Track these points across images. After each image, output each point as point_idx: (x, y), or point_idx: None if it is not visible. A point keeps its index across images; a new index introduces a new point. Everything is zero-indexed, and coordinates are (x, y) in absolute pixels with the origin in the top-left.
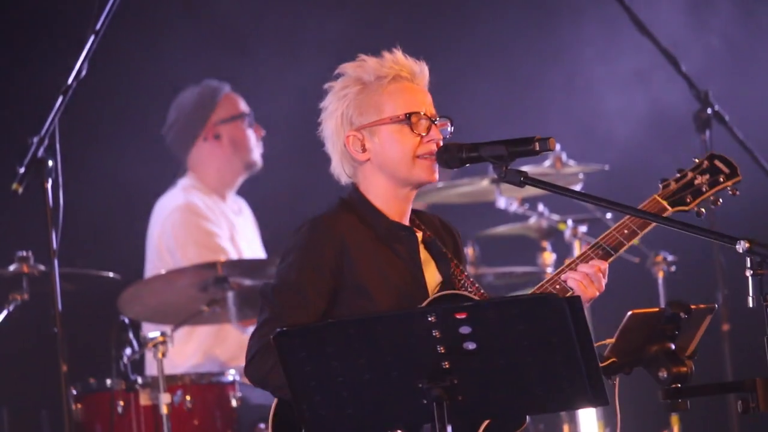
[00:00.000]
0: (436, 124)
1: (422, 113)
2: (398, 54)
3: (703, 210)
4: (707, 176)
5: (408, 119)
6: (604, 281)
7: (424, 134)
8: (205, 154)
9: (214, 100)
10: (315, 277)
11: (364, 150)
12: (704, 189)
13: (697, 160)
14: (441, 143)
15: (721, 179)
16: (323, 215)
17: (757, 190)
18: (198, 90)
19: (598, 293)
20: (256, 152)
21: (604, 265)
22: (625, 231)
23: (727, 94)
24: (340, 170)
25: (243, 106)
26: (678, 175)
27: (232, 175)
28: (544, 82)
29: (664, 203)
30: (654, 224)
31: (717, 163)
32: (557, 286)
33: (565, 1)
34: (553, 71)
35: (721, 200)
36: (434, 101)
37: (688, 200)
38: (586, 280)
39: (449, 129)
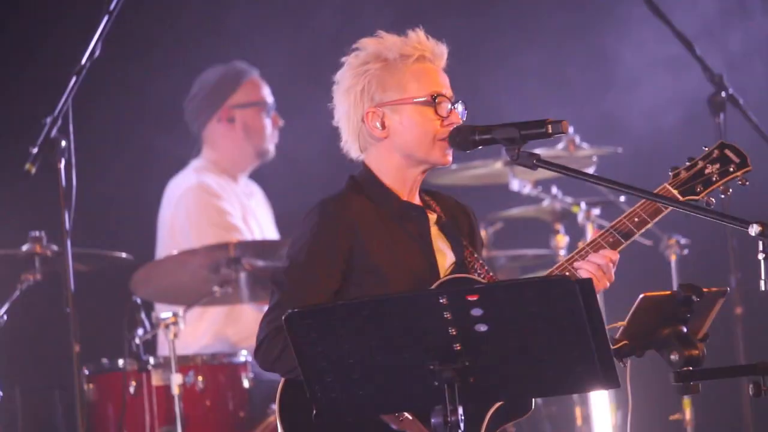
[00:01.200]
0: (455, 108)
1: (446, 96)
2: (421, 34)
3: (713, 199)
4: (717, 165)
5: (433, 101)
6: (611, 277)
7: (445, 116)
8: (217, 134)
9: (236, 82)
10: (326, 260)
11: (383, 127)
12: (714, 179)
13: (707, 149)
14: None
15: (732, 169)
16: (333, 197)
17: None
18: (224, 69)
19: (608, 284)
20: (270, 141)
21: (616, 256)
22: (636, 219)
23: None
24: (351, 145)
25: (264, 93)
26: (688, 164)
27: (242, 160)
28: (558, 65)
29: (675, 192)
30: (664, 213)
31: (727, 152)
32: (567, 273)
33: None
34: (566, 54)
35: (731, 190)
36: (452, 83)
37: (699, 189)
38: (599, 273)
39: (464, 112)
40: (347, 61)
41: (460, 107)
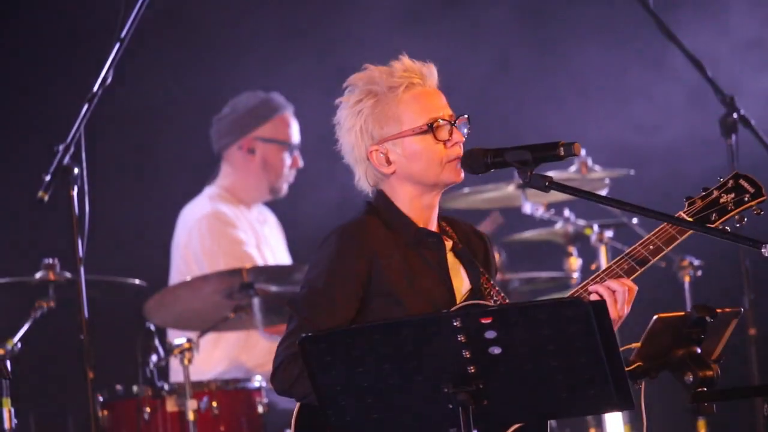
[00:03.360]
0: (456, 126)
1: (442, 119)
2: (405, 60)
3: (728, 228)
4: (732, 195)
5: (430, 128)
6: (627, 308)
7: (447, 139)
8: (236, 161)
9: (267, 115)
10: (344, 286)
11: (389, 163)
12: (729, 208)
13: (722, 179)
14: (462, 145)
15: (746, 198)
16: (352, 223)
17: None
18: (259, 99)
19: (624, 314)
20: (285, 181)
21: (634, 287)
22: (651, 246)
23: None
24: (364, 183)
25: (292, 133)
26: (703, 193)
27: (254, 192)
28: (570, 88)
29: (690, 220)
30: (679, 241)
31: (742, 182)
32: (584, 296)
33: (593, 6)
34: (579, 76)
35: (746, 219)
36: (456, 104)
37: (714, 218)
38: (611, 299)
39: (467, 127)
40: (342, 101)
41: (462, 124)
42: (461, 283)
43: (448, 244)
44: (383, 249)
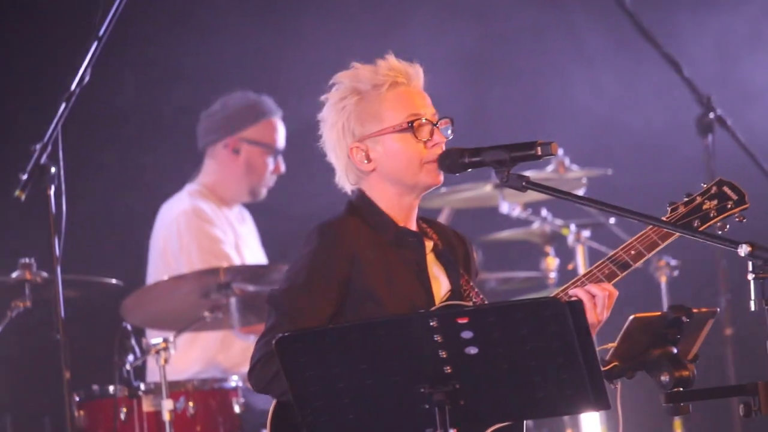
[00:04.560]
0: (438, 127)
1: (423, 118)
2: (391, 59)
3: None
4: (715, 202)
5: (411, 126)
6: (607, 312)
7: (427, 139)
8: (219, 159)
9: (256, 117)
10: (324, 284)
11: (369, 160)
12: (712, 215)
13: (705, 186)
14: (443, 146)
15: (729, 206)
16: (332, 221)
17: (759, 194)
18: (250, 100)
19: (603, 318)
20: (265, 185)
21: (614, 291)
22: (633, 252)
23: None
24: (344, 180)
25: (277, 138)
26: (686, 199)
27: (235, 192)
28: (547, 86)
29: (663, 220)
30: (661, 247)
31: (725, 189)
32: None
33: (569, 5)
34: (556, 75)
35: (728, 226)
36: (435, 105)
37: (696, 224)
38: (591, 303)
39: (450, 129)
40: (327, 98)
41: (450, 126)
42: (440, 284)
43: (429, 244)
44: (363, 248)
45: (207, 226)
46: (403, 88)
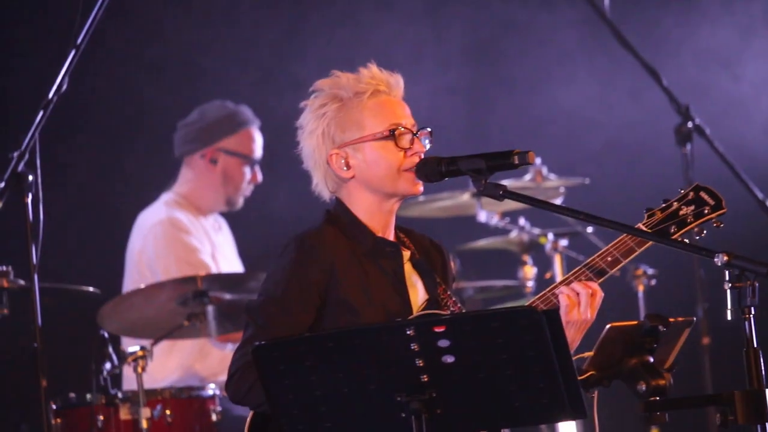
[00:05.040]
0: (417, 137)
1: (404, 127)
2: (373, 68)
3: (686, 240)
4: (692, 207)
5: (392, 134)
6: (592, 312)
7: (407, 148)
8: (196, 169)
9: (233, 128)
10: (302, 295)
11: (348, 167)
12: (689, 220)
13: (682, 191)
14: (422, 156)
15: (706, 211)
16: (310, 232)
17: (737, 203)
18: (228, 110)
19: (589, 317)
20: (241, 195)
21: (599, 291)
22: (609, 258)
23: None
24: (322, 187)
25: (255, 148)
26: (663, 205)
27: (211, 202)
28: (525, 96)
29: (647, 231)
30: (637, 253)
31: (702, 194)
32: (549, 304)
33: (548, 15)
34: (535, 86)
35: (705, 231)
36: (414, 113)
37: (673, 230)
38: (575, 300)
39: (428, 140)
40: (307, 105)
41: (428, 137)
42: (418, 293)
43: (406, 254)
44: (341, 258)
45: (183, 235)
46: (384, 96)
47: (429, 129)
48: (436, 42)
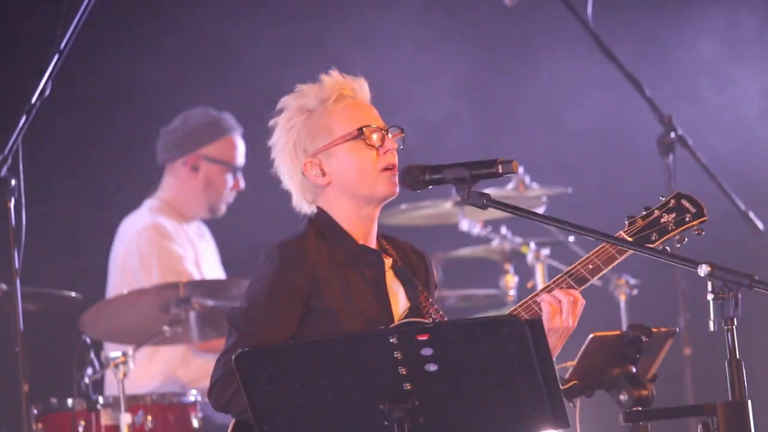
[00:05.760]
0: (388, 135)
1: (372, 125)
2: (335, 74)
3: (667, 248)
4: (673, 215)
5: (360, 133)
6: (574, 320)
7: (379, 146)
8: (178, 176)
9: (215, 135)
10: (285, 303)
11: (323, 174)
12: (670, 228)
13: (663, 199)
14: (395, 153)
15: (688, 218)
16: (293, 240)
17: (719, 214)
18: (210, 117)
19: (570, 324)
20: (224, 202)
21: (580, 298)
22: (590, 266)
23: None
24: (301, 201)
25: (237, 155)
26: (644, 212)
27: (193, 209)
28: (509, 105)
29: (629, 240)
30: (618, 261)
31: (684, 202)
32: (531, 311)
33: (533, 24)
34: (517, 93)
35: (686, 239)
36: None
37: (654, 238)
38: (557, 307)
39: (400, 140)
40: (276, 122)
41: (401, 136)
42: (399, 301)
43: (388, 261)
44: (323, 266)
45: (167, 242)
46: (350, 100)
47: (400, 128)
48: (424, 51)
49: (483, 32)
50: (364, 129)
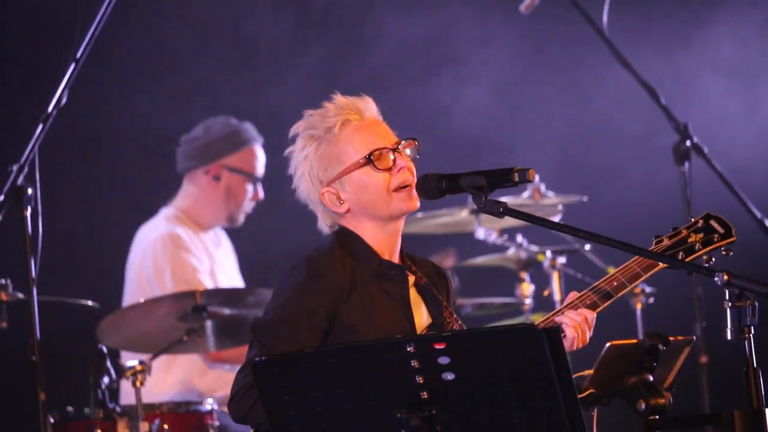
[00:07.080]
0: (399, 151)
1: (382, 147)
2: (338, 98)
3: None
4: (701, 235)
5: (369, 160)
6: (588, 334)
7: (391, 167)
8: (199, 185)
9: (238, 145)
10: (309, 317)
11: (341, 202)
12: (697, 248)
13: (692, 219)
14: (412, 167)
15: (715, 239)
16: (320, 254)
17: (736, 222)
18: (233, 128)
19: (581, 344)
20: (243, 211)
21: (592, 315)
22: (615, 283)
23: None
24: (324, 227)
25: (258, 165)
26: (672, 232)
27: (212, 218)
28: (524, 112)
29: (640, 248)
30: (644, 278)
31: (712, 222)
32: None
33: (548, 32)
34: (532, 102)
35: (714, 259)
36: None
37: (681, 257)
38: (578, 330)
39: (414, 150)
40: (291, 150)
41: (415, 147)
42: (422, 317)
43: (411, 278)
44: (348, 281)
45: (183, 253)
46: (356, 123)
47: (414, 138)
48: (439, 56)
49: (498, 42)
50: (373, 153)
